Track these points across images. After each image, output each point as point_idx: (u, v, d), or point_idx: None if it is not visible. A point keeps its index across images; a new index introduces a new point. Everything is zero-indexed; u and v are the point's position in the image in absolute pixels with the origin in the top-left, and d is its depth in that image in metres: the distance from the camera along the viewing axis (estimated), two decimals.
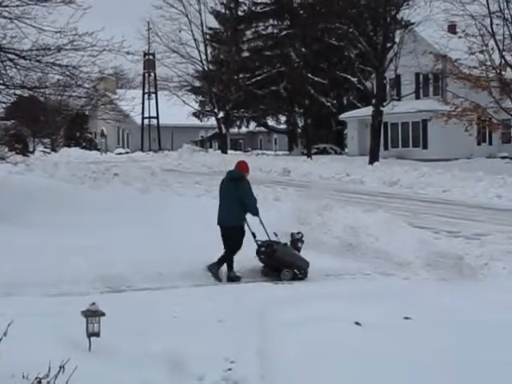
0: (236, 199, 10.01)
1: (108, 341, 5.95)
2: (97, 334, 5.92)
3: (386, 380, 5.57)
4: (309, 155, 40.18)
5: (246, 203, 10.01)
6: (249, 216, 10.23)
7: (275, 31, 49.38)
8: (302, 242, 10.60)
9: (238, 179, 10.23)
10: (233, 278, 10.08)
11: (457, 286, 9.60)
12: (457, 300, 8.19)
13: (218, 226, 10.24)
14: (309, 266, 10.27)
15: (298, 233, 10.71)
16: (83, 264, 9.68)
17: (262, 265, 10.50)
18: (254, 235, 10.27)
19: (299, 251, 10.49)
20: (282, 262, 10.22)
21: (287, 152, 51.97)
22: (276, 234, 10.44)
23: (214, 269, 10.00)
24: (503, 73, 28.03)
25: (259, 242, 10.34)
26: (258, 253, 10.36)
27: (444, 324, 6.96)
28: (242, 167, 10.53)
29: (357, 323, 6.85)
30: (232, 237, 10.09)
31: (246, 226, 10.22)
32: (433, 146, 37.79)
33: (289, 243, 10.53)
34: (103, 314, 5.96)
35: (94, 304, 6.00)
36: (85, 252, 10.36)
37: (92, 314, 5.92)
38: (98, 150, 54.40)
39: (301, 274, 10.19)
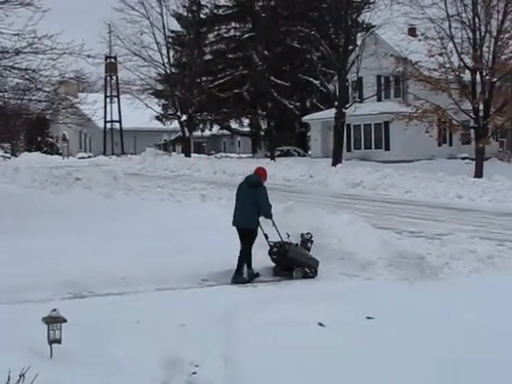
0: (252, 203, 10.45)
1: (70, 347, 5.89)
2: (58, 341, 5.85)
3: (350, 380, 5.61)
4: (272, 157, 40.29)
5: (261, 208, 10.44)
6: (261, 218, 10.64)
7: (237, 34, 49.42)
8: (312, 242, 11.04)
9: (256, 185, 10.63)
10: (252, 276, 10.46)
11: (418, 286, 9.71)
12: (418, 299, 8.29)
13: (235, 227, 10.61)
14: (318, 264, 10.74)
15: (307, 233, 11.13)
16: (44, 270, 9.55)
17: (273, 264, 10.90)
18: (266, 236, 10.68)
19: (309, 251, 10.93)
20: (294, 262, 10.67)
21: (251, 154, 52.03)
22: (288, 235, 10.82)
23: (238, 278, 10.32)
24: (462, 75, 28.47)
25: (271, 243, 10.76)
26: (271, 253, 10.79)
27: (406, 323, 7.03)
28: (261, 174, 10.91)
29: (320, 324, 6.88)
30: (246, 237, 10.50)
31: (259, 228, 10.61)
32: (395, 147, 38.19)
33: (299, 243, 10.95)
34: (65, 321, 5.89)
35: (55, 310, 5.92)
36: (46, 258, 10.23)
37: (53, 320, 5.84)
38: (60, 154, 53.75)
39: (311, 272, 10.66)
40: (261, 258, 10.75)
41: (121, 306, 8.37)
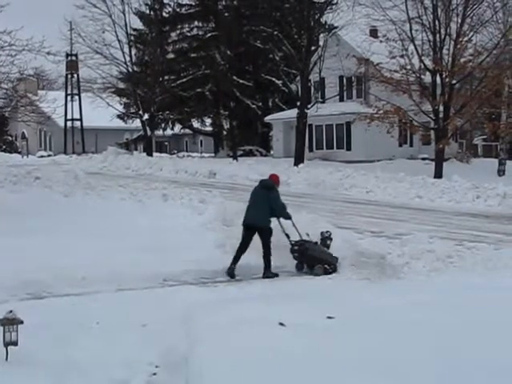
0: (265, 204, 11.04)
1: (27, 350, 5.78)
2: (14, 343, 5.74)
3: (311, 380, 5.62)
4: (234, 157, 40.21)
5: (276, 210, 11.07)
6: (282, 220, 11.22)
7: (200, 33, 49.22)
8: (331, 239, 11.52)
9: (270, 188, 11.28)
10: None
11: (379, 285, 9.79)
12: (379, 299, 8.33)
13: (243, 227, 11.18)
14: (338, 260, 11.23)
15: (326, 231, 11.60)
16: (1, 270, 9.36)
17: (295, 262, 11.39)
18: (287, 236, 11.27)
19: (328, 248, 11.41)
20: (314, 259, 11.17)
21: (213, 154, 51.90)
22: (308, 234, 11.36)
23: (268, 273, 10.82)
24: (422, 77, 28.85)
25: (293, 242, 11.29)
26: (292, 251, 11.33)
27: (366, 323, 7.07)
28: (274, 179, 11.62)
29: (281, 324, 6.88)
30: (263, 236, 10.97)
31: (280, 227, 11.17)
32: (356, 147, 38.48)
33: (319, 241, 11.39)
34: (21, 322, 5.78)
35: (11, 312, 5.81)
36: (3, 257, 10.04)
37: (9, 322, 5.73)
38: (19, 152, 52.91)
39: (331, 268, 11.13)
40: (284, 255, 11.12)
41: (81, 306, 8.27)
